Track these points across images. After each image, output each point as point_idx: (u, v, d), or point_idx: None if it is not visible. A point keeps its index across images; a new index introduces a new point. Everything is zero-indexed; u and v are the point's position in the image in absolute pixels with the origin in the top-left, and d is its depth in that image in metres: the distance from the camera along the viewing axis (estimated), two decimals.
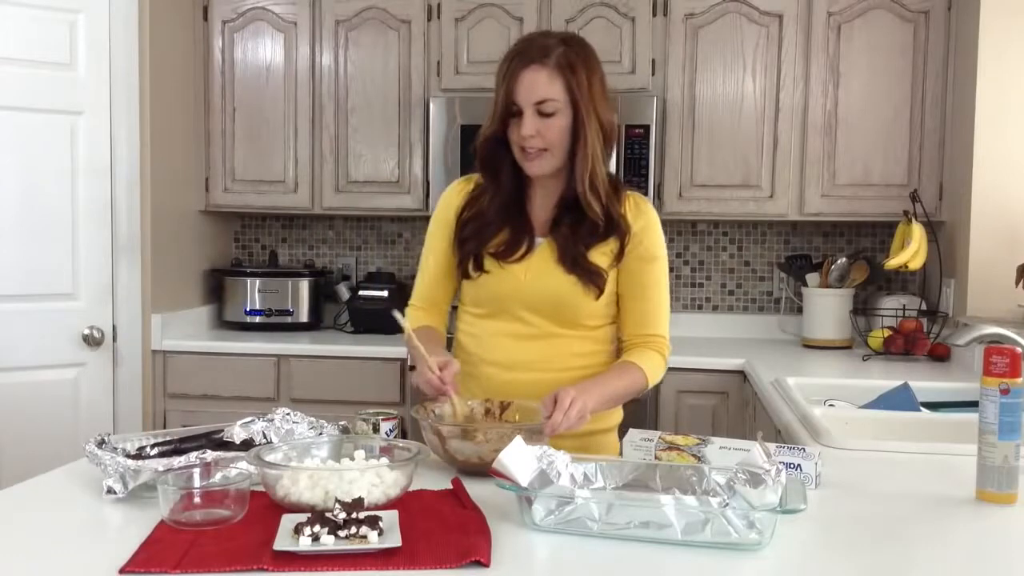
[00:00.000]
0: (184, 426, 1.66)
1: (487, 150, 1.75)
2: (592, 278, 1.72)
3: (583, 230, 1.72)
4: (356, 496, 1.20)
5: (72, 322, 3.06)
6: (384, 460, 1.36)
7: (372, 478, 1.27)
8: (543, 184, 1.76)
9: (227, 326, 3.58)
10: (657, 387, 2.99)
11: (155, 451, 1.44)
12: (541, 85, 1.65)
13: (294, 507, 1.23)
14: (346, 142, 3.44)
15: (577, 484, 1.27)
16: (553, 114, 1.66)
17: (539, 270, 1.74)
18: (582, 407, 1.52)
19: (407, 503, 1.28)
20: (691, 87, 3.25)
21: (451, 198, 1.85)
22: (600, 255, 1.73)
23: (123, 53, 3.10)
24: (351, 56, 3.42)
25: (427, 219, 1.91)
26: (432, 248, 1.86)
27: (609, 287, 1.74)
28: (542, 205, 1.78)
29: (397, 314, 1.66)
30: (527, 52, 1.68)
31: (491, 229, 1.76)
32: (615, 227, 1.73)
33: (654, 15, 3.25)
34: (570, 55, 1.67)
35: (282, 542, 1.09)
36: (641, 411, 2.91)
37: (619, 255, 1.74)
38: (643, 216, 1.77)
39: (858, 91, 3.17)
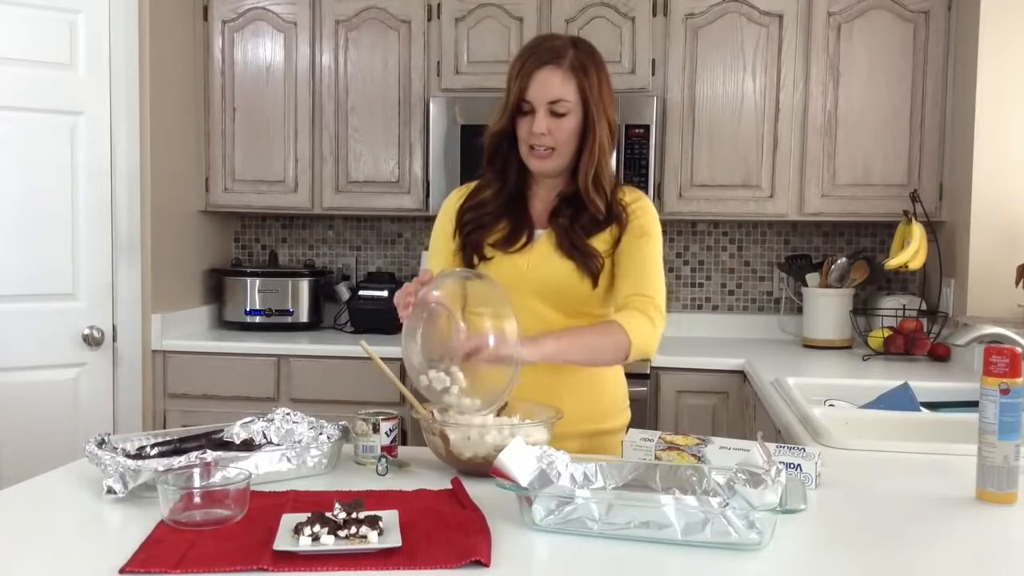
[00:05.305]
0: (184, 426, 1.66)
1: (495, 145, 1.78)
2: (589, 263, 1.73)
3: (582, 220, 1.75)
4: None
5: (72, 322, 3.06)
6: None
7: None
8: (545, 181, 1.80)
9: (227, 326, 3.58)
10: (657, 387, 3.02)
11: (155, 451, 1.43)
12: (555, 85, 1.69)
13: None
14: (346, 142, 3.44)
15: (577, 484, 1.27)
16: (564, 115, 1.70)
17: (540, 257, 1.76)
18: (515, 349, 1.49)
19: (407, 503, 1.28)
20: (691, 87, 3.25)
21: (451, 203, 1.88)
22: (599, 242, 1.76)
23: (123, 53, 3.10)
24: (351, 56, 3.42)
25: (427, 219, 1.92)
26: (436, 251, 1.87)
27: (607, 272, 1.75)
28: (542, 198, 1.81)
29: (363, 343, 1.64)
30: (540, 53, 1.72)
31: (492, 220, 1.79)
32: (615, 217, 1.76)
33: (654, 15, 3.25)
34: (582, 57, 1.72)
35: (282, 542, 1.09)
36: (641, 411, 2.91)
37: (618, 241, 1.76)
38: (637, 199, 1.81)
39: (858, 91, 3.17)
